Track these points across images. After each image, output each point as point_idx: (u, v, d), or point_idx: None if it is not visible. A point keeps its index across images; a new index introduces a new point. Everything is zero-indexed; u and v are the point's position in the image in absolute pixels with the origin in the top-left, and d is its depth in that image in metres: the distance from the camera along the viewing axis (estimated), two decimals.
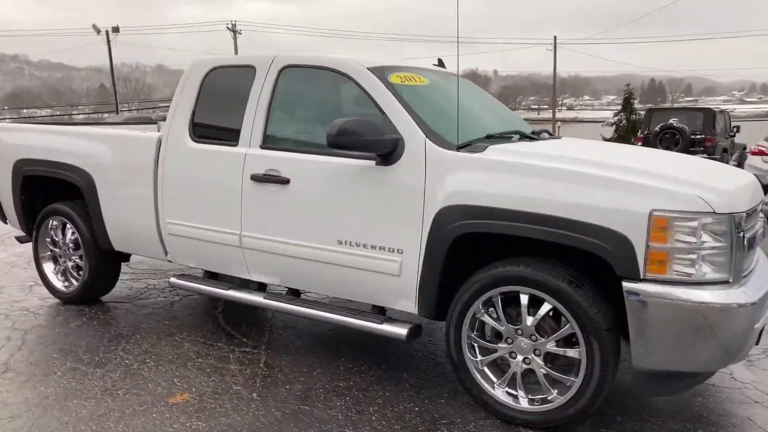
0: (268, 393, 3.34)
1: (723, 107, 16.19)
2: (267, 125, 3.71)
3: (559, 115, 49.70)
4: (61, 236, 4.87)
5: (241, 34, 41.77)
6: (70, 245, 4.81)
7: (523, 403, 2.97)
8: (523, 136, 3.72)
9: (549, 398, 2.90)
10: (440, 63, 4.53)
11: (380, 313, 3.51)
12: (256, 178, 3.65)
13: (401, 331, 3.26)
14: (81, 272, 4.79)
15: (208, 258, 4.05)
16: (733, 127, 15.40)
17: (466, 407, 3.17)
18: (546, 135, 3.93)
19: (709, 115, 14.01)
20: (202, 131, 4.00)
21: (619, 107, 25.49)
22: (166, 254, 4.27)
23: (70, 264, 4.85)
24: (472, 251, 3.11)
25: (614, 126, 22.23)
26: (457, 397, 3.28)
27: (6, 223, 5.31)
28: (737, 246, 2.60)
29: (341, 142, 3.11)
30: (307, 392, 3.36)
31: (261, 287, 3.99)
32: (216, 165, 3.86)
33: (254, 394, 3.33)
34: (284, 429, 2.97)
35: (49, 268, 5.00)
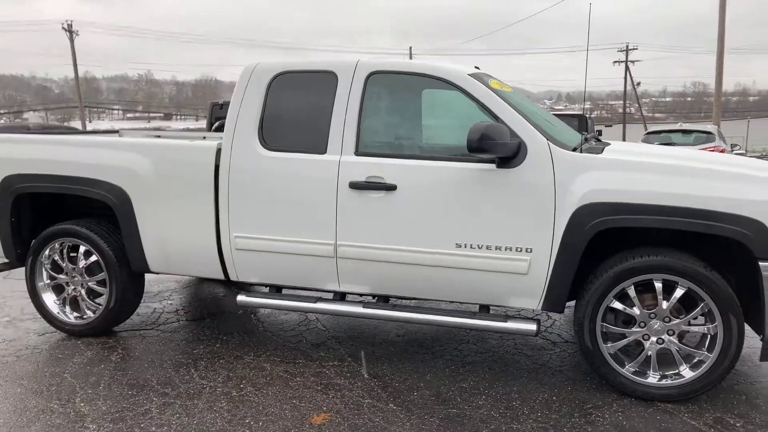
0: (404, 401, 3.30)
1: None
2: (359, 132, 3.64)
3: None
4: (66, 261, 4.27)
5: (78, 35, 37.92)
6: (83, 270, 4.23)
7: (655, 380, 3.29)
8: (595, 139, 4.08)
9: (682, 372, 3.25)
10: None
11: (486, 311, 3.64)
12: (356, 186, 3.57)
13: (531, 327, 3.42)
14: (98, 300, 4.25)
15: (286, 271, 3.84)
16: (597, 131, 17.41)
17: (597, 390, 3.42)
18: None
19: (583, 120, 15.70)
20: (275, 139, 3.79)
21: None
22: (224, 271, 3.97)
23: (83, 291, 4.27)
24: (598, 246, 3.36)
25: None
26: (581, 383, 3.52)
27: None
28: None
29: (483, 146, 3.20)
30: (440, 396, 3.37)
31: (341, 298, 3.89)
32: (302, 174, 3.69)
33: (391, 405, 3.27)
34: None
35: (49, 298, 4.35)
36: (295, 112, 3.85)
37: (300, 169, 3.71)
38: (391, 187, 3.52)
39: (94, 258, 4.19)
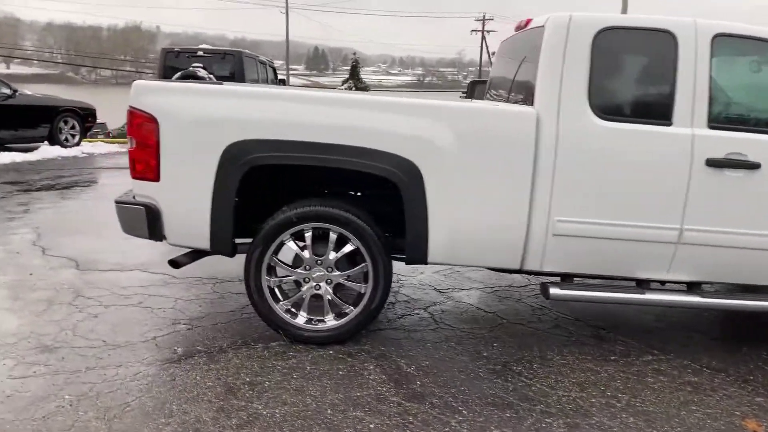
0: None
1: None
2: (711, 103, 3.27)
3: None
4: (310, 252, 3.37)
5: None
6: (334, 263, 3.38)
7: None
8: None
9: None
10: None
11: None
12: (714, 164, 3.22)
13: None
14: (346, 298, 3.44)
15: (605, 259, 3.39)
16: None
17: None
18: None
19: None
20: (607, 107, 3.27)
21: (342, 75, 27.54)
22: (522, 260, 3.40)
23: (329, 288, 3.41)
24: None
25: None
26: None
27: (162, 240, 3.38)
28: None
29: None
30: None
31: (640, 285, 3.54)
32: (645, 148, 3.24)
33: None
34: None
35: (279, 299, 3.42)
36: (627, 76, 3.37)
37: (643, 143, 3.25)
38: (755, 165, 3.23)
39: (349, 248, 3.35)
